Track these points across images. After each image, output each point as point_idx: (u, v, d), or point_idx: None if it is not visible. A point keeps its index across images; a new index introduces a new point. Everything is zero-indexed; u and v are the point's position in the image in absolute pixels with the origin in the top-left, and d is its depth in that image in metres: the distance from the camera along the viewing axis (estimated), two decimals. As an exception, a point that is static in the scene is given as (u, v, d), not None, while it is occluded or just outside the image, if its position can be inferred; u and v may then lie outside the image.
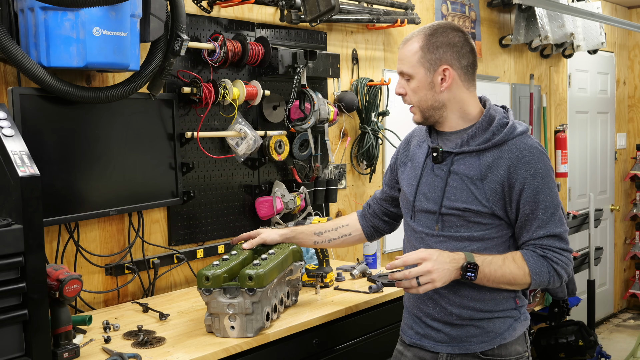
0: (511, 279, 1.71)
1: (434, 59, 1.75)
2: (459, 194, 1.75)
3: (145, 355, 1.77)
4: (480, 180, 1.73)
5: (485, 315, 1.77)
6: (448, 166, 1.77)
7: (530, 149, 1.72)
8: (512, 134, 1.74)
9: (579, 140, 5.28)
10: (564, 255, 1.73)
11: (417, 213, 1.85)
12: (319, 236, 2.12)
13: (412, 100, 1.81)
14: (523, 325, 1.82)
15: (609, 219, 5.66)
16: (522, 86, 4.56)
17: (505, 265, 1.71)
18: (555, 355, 4.01)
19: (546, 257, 1.72)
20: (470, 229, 1.75)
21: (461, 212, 1.74)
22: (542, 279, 1.72)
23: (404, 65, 1.79)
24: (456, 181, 1.76)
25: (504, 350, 1.77)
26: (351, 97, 3.13)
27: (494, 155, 1.73)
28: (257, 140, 2.64)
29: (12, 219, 1.59)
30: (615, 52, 5.70)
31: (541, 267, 1.71)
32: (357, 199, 3.32)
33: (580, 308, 4.49)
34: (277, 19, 2.85)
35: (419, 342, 1.85)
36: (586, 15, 4.35)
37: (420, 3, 3.64)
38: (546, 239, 1.73)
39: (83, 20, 1.88)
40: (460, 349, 1.78)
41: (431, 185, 1.81)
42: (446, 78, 1.76)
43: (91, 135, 2.16)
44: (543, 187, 1.71)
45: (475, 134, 1.77)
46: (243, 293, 1.85)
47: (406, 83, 1.80)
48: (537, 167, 1.71)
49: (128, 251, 2.39)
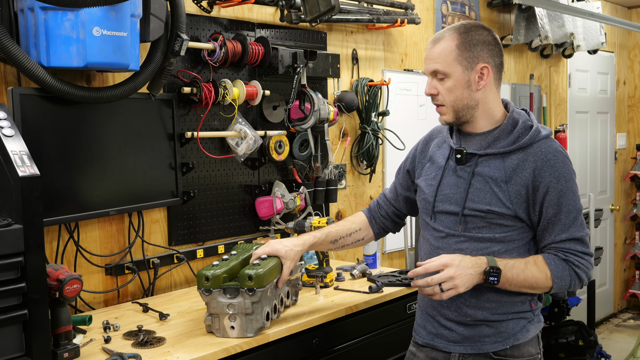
0: (533, 283, 1.71)
1: (471, 56, 1.75)
2: (483, 195, 1.74)
3: (145, 355, 1.77)
4: (505, 182, 1.73)
5: (500, 317, 1.77)
6: (472, 168, 1.77)
7: (555, 152, 1.73)
8: (537, 137, 1.75)
9: (579, 140, 5.28)
10: (585, 259, 1.74)
11: (437, 214, 1.83)
12: (334, 244, 2.07)
13: (445, 99, 1.77)
14: (537, 327, 1.82)
15: (609, 219, 5.66)
16: (522, 86, 4.56)
17: (528, 269, 1.70)
18: (555, 355, 4.01)
19: (568, 260, 1.73)
20: (493, 230, 1.75)
21: (484, 213, 1.74)
22: (563, 282, 1.73)
23: (437, 64, 1.75)
24: (480, 183, 1.75)
25: (517, 351, 1.76)
26: (351, 97, 3.13)
27: (519, 157, 1.73)
28: (257, 140, 2.64)
29: (12, 219, 1.59)
30: (615, 52, 5.70)
31: (563, 270, 1.72)
32: (357, 199, 3.32)
33: (580, 308, 4.48)
34: (277, 19, 2.85)
35: (432, 342, 1.84)
36: (586, 15, 4.35)
37: (420, 3, 3.64)
38: (568, 242, 1.73)
39: (83, 20, 1.88)
40: (473, 349, 1.77)
41: (453, 186, 1.80)
42: (484, 76, 1.76)
43: (91, 135, 2.16)
44: (567, 190, 1.71)
45: (499, 136, 1.76)
46: (243, 293, 1.85)
47: (438, 83, 1.77)
48: (562, 170, 1.71)
49: (128, 251, 2.39)
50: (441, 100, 1.78)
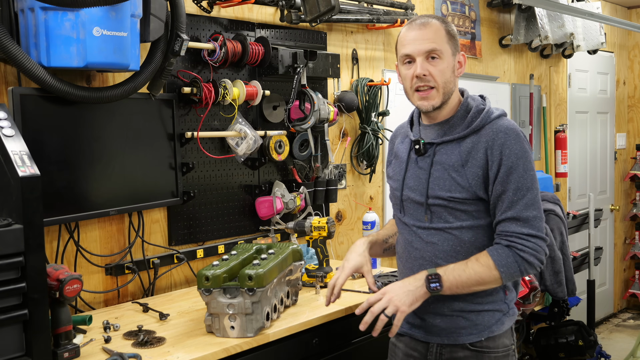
0: (479, 279, 1.71)
1: (454, 44, 1.80)
2: (442, 183, 1.78)
3: (145, 355, 1.77)
4: (462, 166, 1.75)
5: (476, 307, 1.79)
6: (431, 157, 1.81)
7: (506, 130, 1.74)
8: (489, 118, 1.78)
9: (578, 140, 5.28)
10: (530, 242, 1.70)
11: (405, 207, 1.87)
12: (386, 243, 2.07)
13: (438, 81, 1.76)
14: (511, 320, 1.85)
15: (608, 219, 5.66)
16: (522, 86, 4.56)
17: (469, 267, 1.72)
18: (555, 355, 4.01)
19: (511, 246, 1.71)
20: (459, 218, 1.77)
21: (446, 201, 1.77)
22: (511, 270, 1.71)
23: (435, 43, 1.75)
24: (439, 171, 1.79)
25: (492, 342, 1.80)
26: (351, 97, 3.13)
27: (473, 140, 1.76)
28: (257, 140, 2.64)
29: (12, 219, 1.59)
30: (615, 52, 5.70)
31: (507, 258, 1.70)
32: (357, 199, 3.32)
33: (580, 308, 4.48)
34: (277, 19, 2.85)
35: (410, 331, 1.89)
36: (586, 15, 4.35)
37: (420, 3, 3.64)
38: (511, 223, 1.71)
39: (83, 20, 1.88)
40: (449, 340, 1.81)
41: (416, 177, 1.84)
42: (462, 64, 1.82)
43: (91, 135, 2.16)
44: (516, 167, 1.71)
45: (454, 122, 1.81)
46: (243, 293, 1.85)
47: (429, 64, 1.76)
48: (512, 147, 1.72)
49: (128, 251, 2.39)
50: (433, 82, 1.77)
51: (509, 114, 4.41)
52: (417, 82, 1.78)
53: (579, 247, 4.58)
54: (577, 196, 5.27)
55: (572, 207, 5.09)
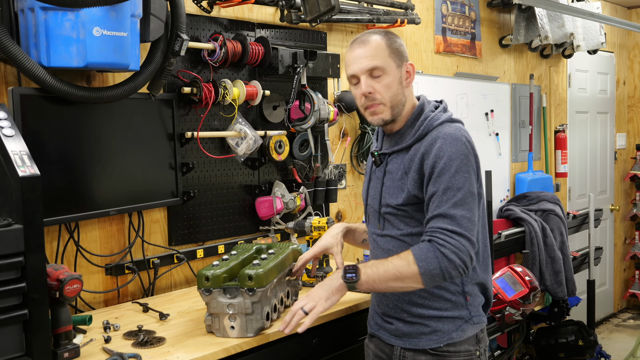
0: (397, 273, 1.69)
1: (398, 55, 1.82)
2: (392, 191, 1.82)
3: (145, 355, 1.77)
4: (405, 174, 1.79)
5: (434, 314, 1.81)
6: (384, 167, 1.87)
7: (444, 135, 1.75)
8: (431, 125, 1.79)
9: (578, 140, 5.28)
10: (453, 239, 1.66)
11: (369, 216, 1.95)
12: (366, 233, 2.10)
13: (384, 96, 1.79)
14: (475, 328, 1.84)
15: (608, 219, 5.66)
16: (522, 86, 4.56)
17: (389, 262, 1.73)
18: (555, 355, 4.02)
19: (432, 240, 1.68)
20: (408, 224, 1.81)
21: (395, 209, 1.81)
22: (430, 265, 1.65)
23: (375, 60, 1.78)
24: (389, 180, 1.84)
25: (453, 347, 1.81)
26: (351, 97, 3.11)
27: (416, 148, 1.79)
28: (257, 140, 2.64)
29: (12, 219, 1.59)
30: (615, 52, 5.70)
31: (427, 252, 1.67)
32: (357, 199, 3.32)
33: (580, 308, 4.49)
34: (277, 19, 2.85)
35: (377, 332, 1.94)
36: (586, 15, 4.35)
37: (420, 3, 3.64)
38: (436, 219, 1.69)
39: (83, 20, 1.88)
40: (410, 344, 1.84)
41: (374, 187, 1.91)
42: (410, 74, 1.84)
43: (91, 135, 2.16)
44: (448, 168, 1.70)
45: (404, 132, 1.84)
46: (243, 293, 1.85)
47: (374, 81, 1.79)
48: (446, 150, 1.72)
49: (128, 251, 2.39)
50: (379, 98, 1.80)
51: (509, 114, 4.41)
52: (365, 101, 1.82)
53: (579, 247, 4.58)
54: (577, 196, 5.27)
55: (572, 207, 5.09)
